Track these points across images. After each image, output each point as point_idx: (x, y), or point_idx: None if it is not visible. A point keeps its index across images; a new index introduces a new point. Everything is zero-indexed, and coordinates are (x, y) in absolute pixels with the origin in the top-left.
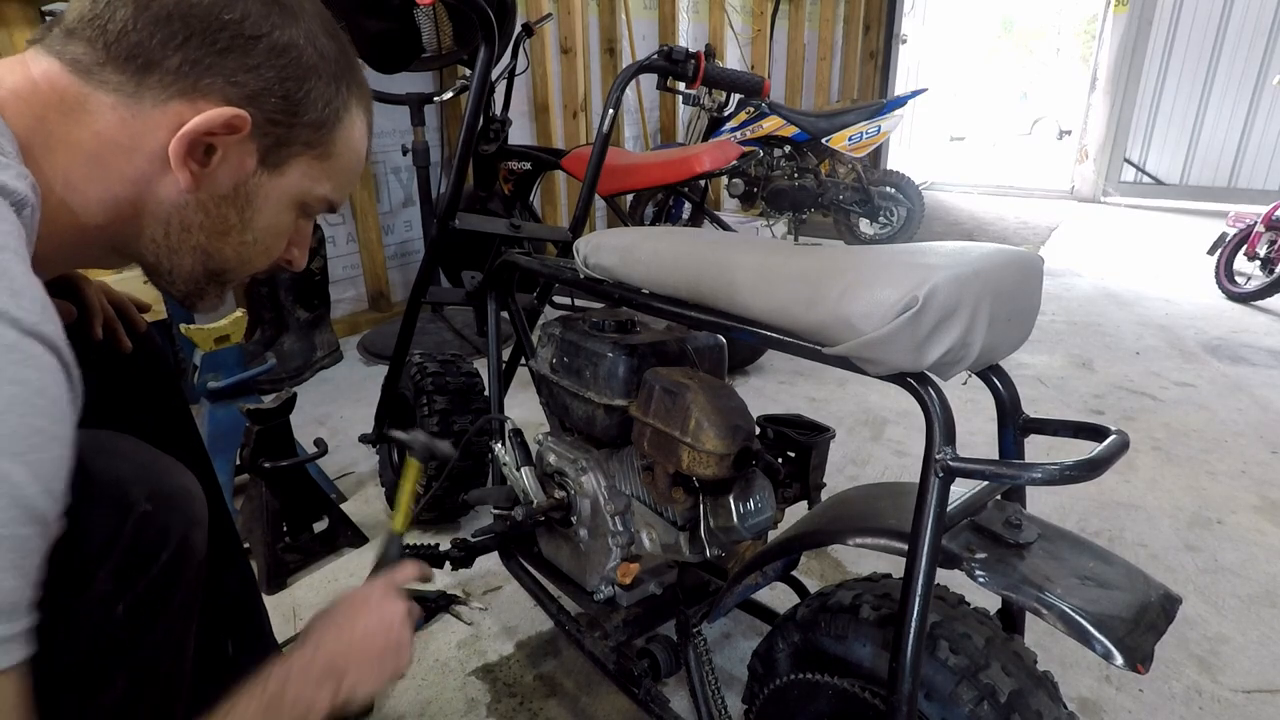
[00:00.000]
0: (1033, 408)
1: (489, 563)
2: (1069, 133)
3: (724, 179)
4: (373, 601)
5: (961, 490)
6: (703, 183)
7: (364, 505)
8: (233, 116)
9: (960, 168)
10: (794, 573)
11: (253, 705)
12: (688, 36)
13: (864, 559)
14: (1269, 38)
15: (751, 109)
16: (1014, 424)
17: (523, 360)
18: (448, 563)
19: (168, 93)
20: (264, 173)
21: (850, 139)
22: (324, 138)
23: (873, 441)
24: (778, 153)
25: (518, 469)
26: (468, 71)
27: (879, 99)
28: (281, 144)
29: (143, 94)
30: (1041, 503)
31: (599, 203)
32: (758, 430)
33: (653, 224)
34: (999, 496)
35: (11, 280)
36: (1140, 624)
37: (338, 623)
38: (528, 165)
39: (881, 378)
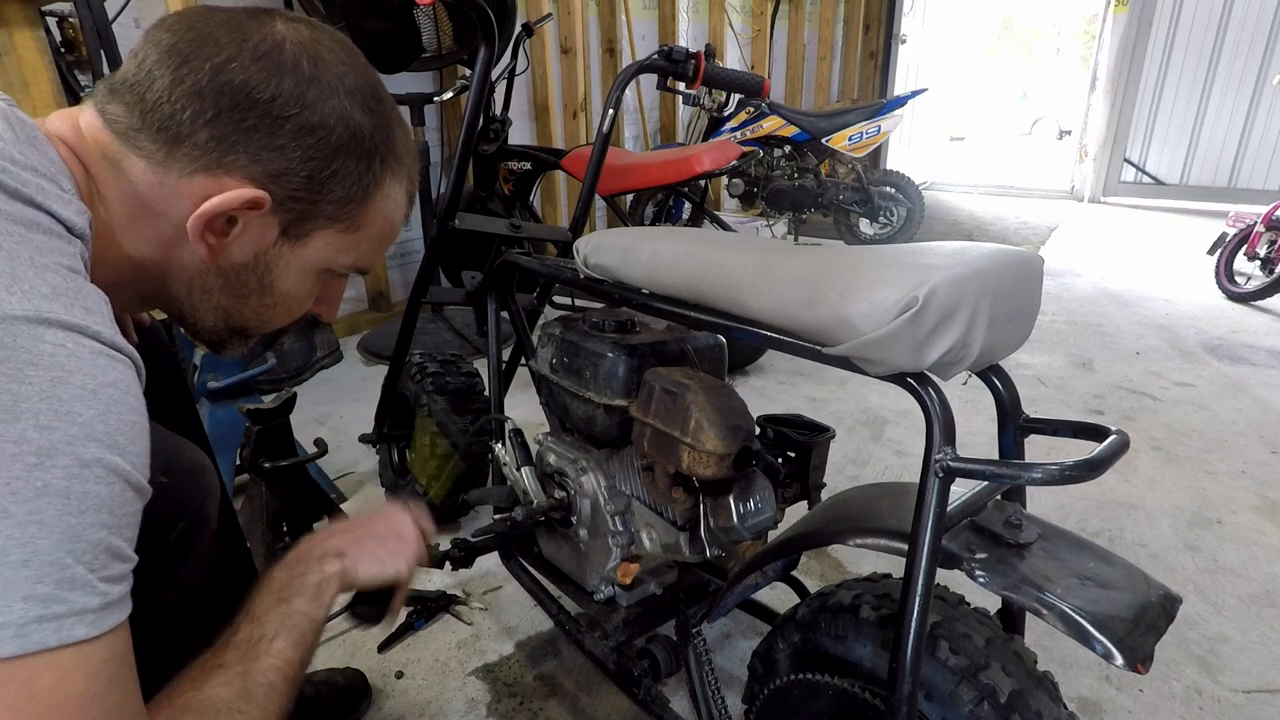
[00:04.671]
0: (1033, 408)
1: (489, 563)
2: (1069, 133)
3: (724, 179)
4: (379, 509)
5: (961, 490)
6: (703, 183)
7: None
8: (251, 198)
9: (960, 168)
10: (794, 573)
11: (269, 597)
12: (688, 36)
13: (864, 559)
14: (1269, 38)
15: (751, 109)
16: (1014, 424)
17: (523, 360)
18: (448, 563)
19: (194, 166)
20: (285, 243)
21: (850, 139)
22: (351, 212)
23: (873, 441)
24: (778, 153)
25: (518, 469)
26: (468, 71)
27: (879, 99)
28: (304, 218)
29: (170, 164)
30: (1041, 503)
31: (599, 203)
32: (758, 430)
33: (653, 224)
34: (999, 496)
35: (86, 299)
36: (1140, 624)
37: (345, 521)
38: (528, 165)
39: (881, 378)
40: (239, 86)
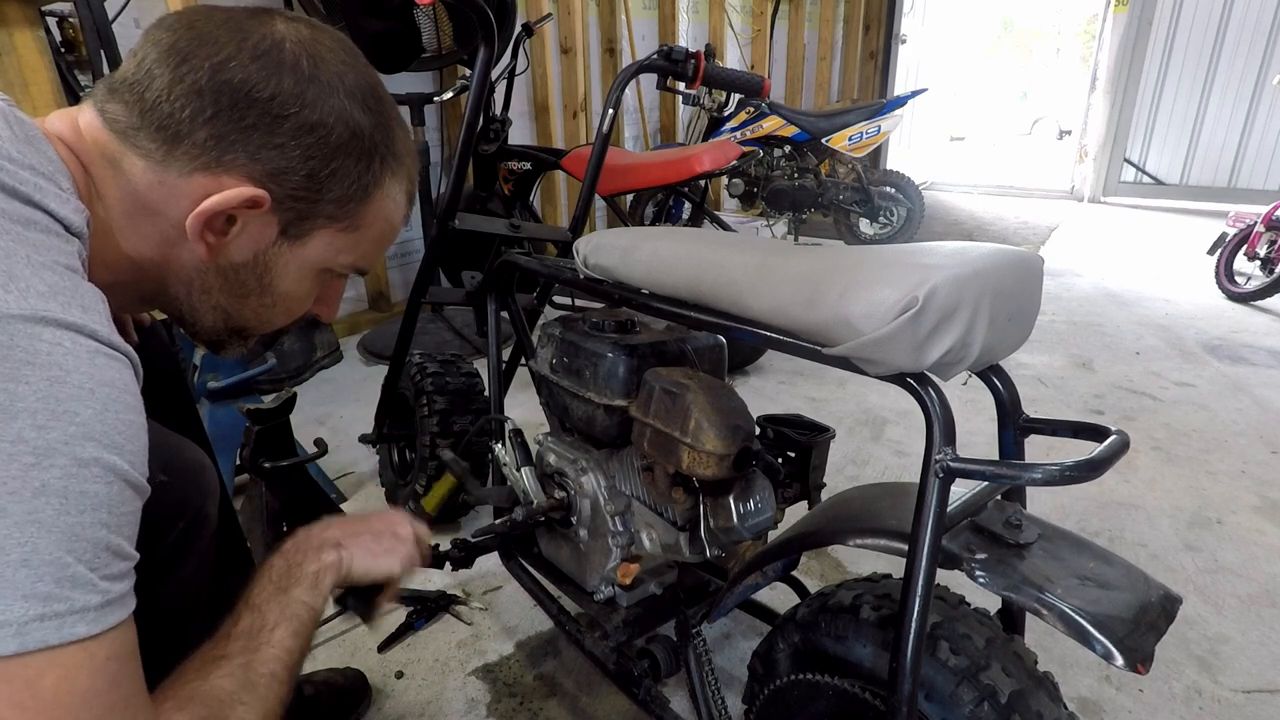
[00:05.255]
0: (1033, 408)
1: (489, 563)
2: (1069, 133)
3: (724, 179)
4: (376, 512)
5: (961, 490)
6: (703, 183)
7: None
8: (250, 197)
9: (960, 168)
10: (794, 573)
11: (268, 587)
12: (687, 36)
13: (864, 559)
14: (1269, 38)
15: (751, 109)
16: (1014, 424)
17: (523, 360)
18: (448, 563)
19: (193, 165)
20: (284, 243)
21: (850, 139)
22: (350, 212)
23: (873, 441)
24: (778, 153)
25: (518, 469)
26: (468, 71)
27: (879, 99)
28: (304, 218)
29: (170, 163)
30: (1041, 503)
31: (599, 203)
32: (758, 430)
33: (653, 224)
34: (999, 497)
35: (83, 298)
36: (1140, 624)
37: (344, 517)
38: (528, 165)
39: (881, 378)
40: (238, 85)
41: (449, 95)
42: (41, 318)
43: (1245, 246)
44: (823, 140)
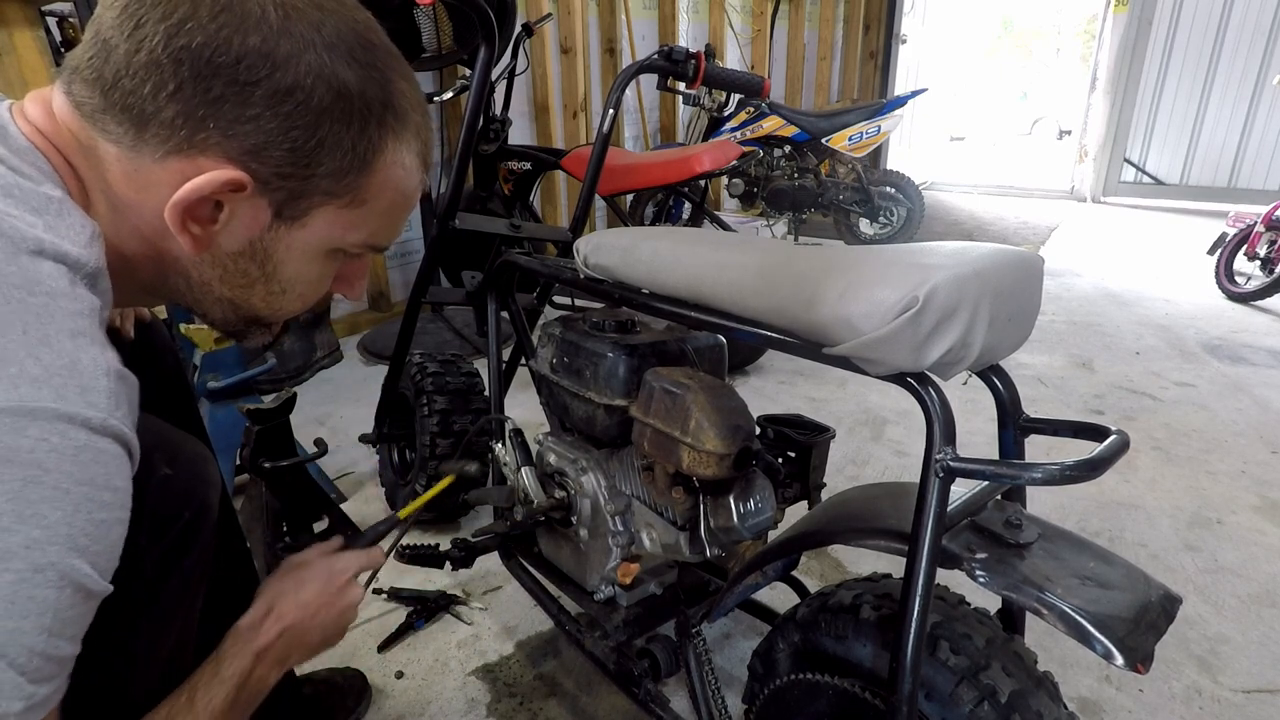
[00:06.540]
0: (1033, 408)
1: (489, 563)
2: (1069, 133)
3: (724, 179)
4: (322, 580)
5: (961, 490)
6: (703, 183)
7: (364, 505)
8: (227, 180)
9: (960, 168)
10: (794, 573)
11: (205, 672)
12: (688, 36)
13: (864, 559)
14: (1269, 38)
15: (751, 109)
16: (1014, 424)
17: (523, 360)
18: (448, 563)
19: (165, 148)
20: (281, 226)
21: (850, 139)
22: (350, 186)
23: (873, 441)
24: (778, 153)
25: (518, 469)
26: (468, 71)
27: (879, 99)
28: (297, 197)
29: (141, 147)
30: (1041, 503)
31: (599, 203)
32: (758, 430)
33: (653, 224)
34: (999, 496)
35: (81, 376)
36: (1140, 624)
37: (286, 594)
38: (528, 165)
39: (881, 378)
40: (197, 50)
41: (449, 95)
42: (30, 410)
43: (1245, 246)
44: (823, 140)
